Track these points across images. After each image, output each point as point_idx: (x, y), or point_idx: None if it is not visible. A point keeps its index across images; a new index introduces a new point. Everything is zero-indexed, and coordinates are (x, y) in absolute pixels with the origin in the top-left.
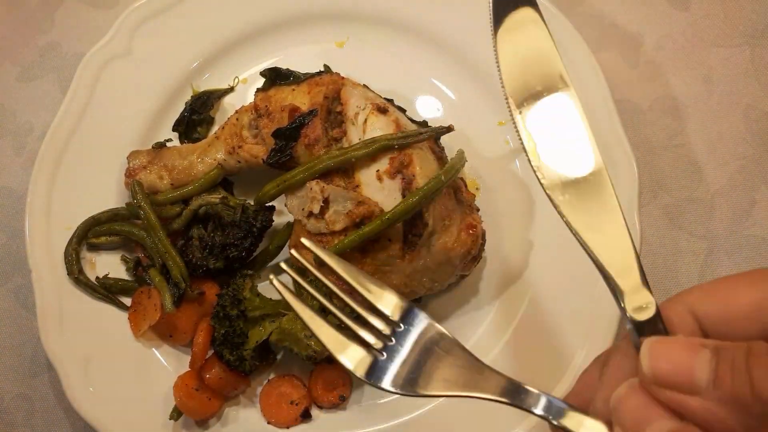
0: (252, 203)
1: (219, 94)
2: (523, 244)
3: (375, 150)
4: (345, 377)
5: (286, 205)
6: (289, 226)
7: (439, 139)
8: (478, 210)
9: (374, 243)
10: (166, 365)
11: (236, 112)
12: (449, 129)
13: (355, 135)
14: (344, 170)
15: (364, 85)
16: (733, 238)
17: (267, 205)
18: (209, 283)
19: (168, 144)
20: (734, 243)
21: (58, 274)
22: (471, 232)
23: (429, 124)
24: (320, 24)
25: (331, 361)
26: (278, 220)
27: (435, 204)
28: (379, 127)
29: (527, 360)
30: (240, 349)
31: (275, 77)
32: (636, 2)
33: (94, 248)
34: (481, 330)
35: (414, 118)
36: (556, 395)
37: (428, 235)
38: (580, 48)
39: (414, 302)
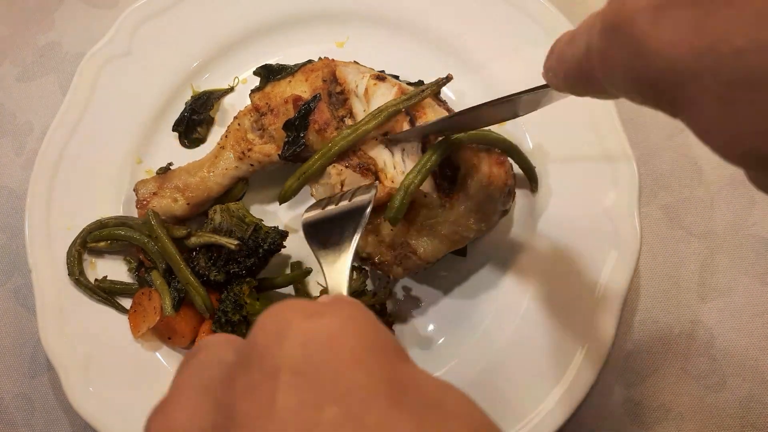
0: (265, 225)
1: (219, 95)
2: (525, 244)
3: (384, 118)
4: None
5: (312, 195)
6: (305, 271)
7: (440, 93)
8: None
9: (412, 203)
10: (166, 365)
11: (235, 118)
12: (448, 79)
13: (359, 106)
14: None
15: (354, 61)
16: (733, 238)
17: (281, 230)
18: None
19: (171, 167)
20: (734, 243)
21: (58, 274)
22: (501, 165)
23: (424, 82)
24: (320, 24)
25: None
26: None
27: (460, 148)
28: (381, 93)
29: (527, 360)
30: None
31: (268, 74)
32: None
33: (94, 253)
34: (482, 329)
35: (409, 80)
36: (556, 396)
37: (462, 179)
38: None
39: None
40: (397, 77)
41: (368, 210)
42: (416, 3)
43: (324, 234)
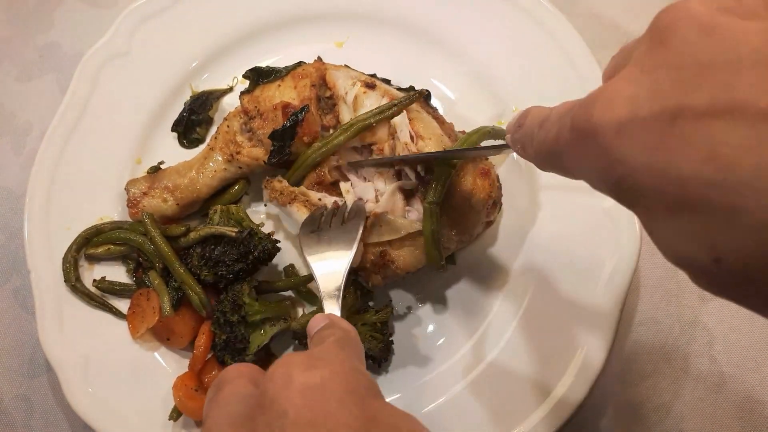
0: (262, 231)
1: (218, 95)
2: (524, 242)
3: (354, 133)
4: None
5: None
6: (306, 278)
7: (430, 99)
8: (486, 158)
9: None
10: (165, 366)
11: (224, 120)
12: (422, 93)
13: (347, 115)
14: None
15: (345, 65)
16: None
17: (275, 240)
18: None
19: (162, 166)
20: None
21: (58, 275)
22: (486, 176)
23: (414, 87)
24: (320, 24)
25: None
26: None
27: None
28: (369, 104)
29: (528, 360)
30: (242, 354)
31: (258, 77)
32: (636, 2)
33: (93, 259)
34: (482, 329)
35: (400, 86)
36: (556, 396)
37: (446, 190)
38: (579, 47)
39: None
40: (388, 81)
41: (360, 233)
42: (415, 4)
43: (320, 250)
